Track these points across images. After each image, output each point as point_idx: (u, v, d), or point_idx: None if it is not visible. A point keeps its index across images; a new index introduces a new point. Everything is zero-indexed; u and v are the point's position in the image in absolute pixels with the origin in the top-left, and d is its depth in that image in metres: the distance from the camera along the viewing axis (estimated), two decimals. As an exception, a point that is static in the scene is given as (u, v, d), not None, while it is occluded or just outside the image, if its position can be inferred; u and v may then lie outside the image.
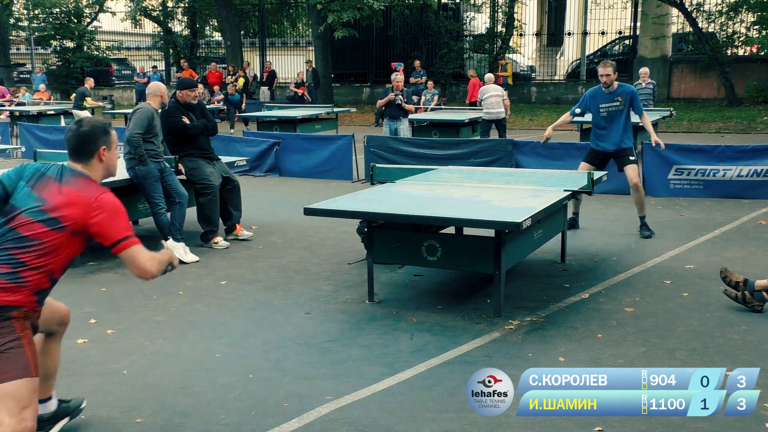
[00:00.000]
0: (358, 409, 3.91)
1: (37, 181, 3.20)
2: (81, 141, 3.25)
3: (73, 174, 3.23)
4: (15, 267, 3.04)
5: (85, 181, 3.21)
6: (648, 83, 14.93)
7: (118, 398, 4.07)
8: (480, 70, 24.58)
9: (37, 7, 28.80)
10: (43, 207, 3.11)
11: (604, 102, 7.55)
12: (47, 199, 3.13)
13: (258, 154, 12.10)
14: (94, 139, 3.27)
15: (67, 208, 3.12)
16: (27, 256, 3.06)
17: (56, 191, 3.15)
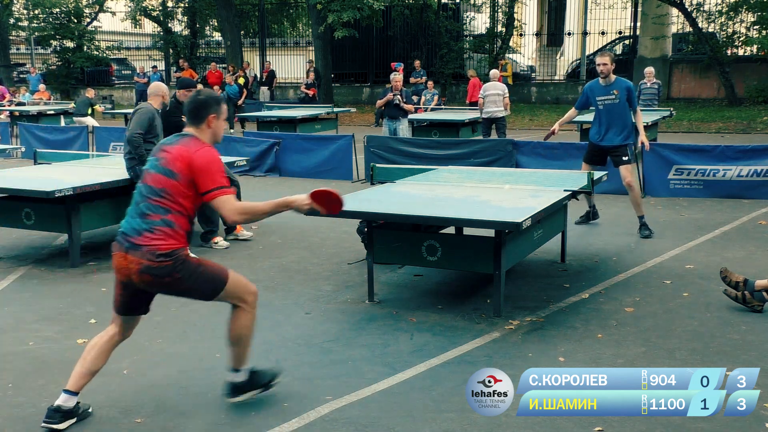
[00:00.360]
0: (358, 409, 3.91)
1: (161, 146, 3.75)
2: (196, 107, 3.75)
3: (185, 136, 3.73)
4: (165, 215, 3.60)
5: (193, 140, 3.70)
6: (653, 83, 14.90)
7: (118, 398, 4.07)
8: (480, 70, 24.57)
9: (37, 7, 28.81)
10: (160, 162, 3.65)
11: (600, 95, 7.56)
12: (163, 156, 3.66)
13: (258, 154, 12.10)
14: (207, 107, 3.74)
15: (176, 162, 3.61)
16: (164, 203, 3.61)
17: (170, 149, 3.67)
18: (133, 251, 3.56)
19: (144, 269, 3.55)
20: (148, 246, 3.55)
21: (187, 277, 3.60)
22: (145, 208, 3.62)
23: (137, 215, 3.65)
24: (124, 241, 3.62)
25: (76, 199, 6.61)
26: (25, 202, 6.83)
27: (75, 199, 6.59)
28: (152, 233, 3.57)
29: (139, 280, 3.59)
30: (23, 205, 6.85)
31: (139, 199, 3.68)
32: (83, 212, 6.76)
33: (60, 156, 9.42)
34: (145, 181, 3.69)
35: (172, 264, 3.56)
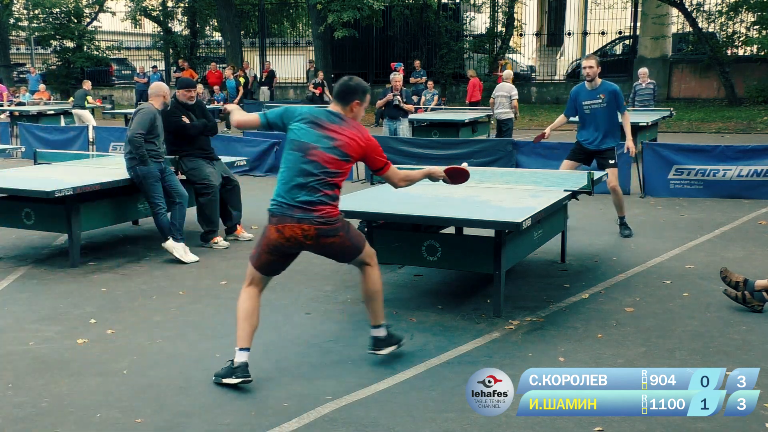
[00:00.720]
0: (358, 409, 3.91)
1: (315, 122, 4.14)
2: (344, 90, 4.18)
3: (340, 117, 4.17)
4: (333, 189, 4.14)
5: (352, 123, 4.19)
6: (648, 83, 14.90)
7: (118, 398, 4.07)
8: (480, 70, 24.59)
9: (37, 7, 28.81)
10: (334, 144, 4.09)
11: (586, 99, 7.53)
12: (333, 137, 4.10)
13: (258, 154, 12.10)
14: (354, 92, 4.18)
15: (351, 146, 4.13)
16: (334, 180, 4.13)
17: (340, 131, 4.13)
18: (307, 220, 4.02)
19: (321, 232, 4.06)
20: (321, 213, 4.05)
21: (347, 235, 4.18)
22: (317, 185, 4.06)
23: (305, 189, 4.06)
24: (293, 212, 4.04)
25: (76, 199, 6.61)
26: (25, 202, 6.83)
27: (75, 199, 6.59)
28: (325, 204, 4.07)
29: (313, 243, 4.09)
30: (23, 205, 6.85)
31: (306, 174, 4.06)
32: (83, 212, 6.76)
33: (60, 156, 9.42)
34: (313, 158, 4.07)
35: (338, 226, 4.13)
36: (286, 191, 4.09)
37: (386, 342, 4.44)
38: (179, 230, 6.95)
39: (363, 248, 4.27)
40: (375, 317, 4.43)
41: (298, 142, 4.11)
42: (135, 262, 6.89)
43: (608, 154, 7.55)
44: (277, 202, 4.10)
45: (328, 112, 4.17)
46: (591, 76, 7.46)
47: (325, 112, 4.18)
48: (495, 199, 5.77)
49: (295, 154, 4.11)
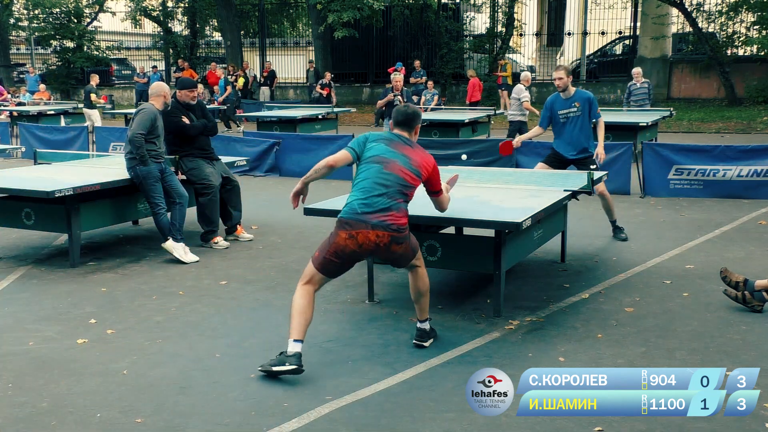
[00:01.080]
0: (358, 409, 3.91)
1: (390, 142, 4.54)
2: (411, 117, 4.65)
3: (411, 143, 4.60)
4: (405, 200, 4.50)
5: (420, 148, 4.61)
6: (642, 83, 14.87)
7: (118, 398, 4.07)
8: (480, 70, 24.59)
9: (37, 7, 28.80)
10: (412, 163, 4.48)
11: (561, 108, 7.46)
12: (411, 157, 4.50)
13: (258, 154, 12.10)
14: (416, 117, 4.69)
15: (424, 166, 4.53)
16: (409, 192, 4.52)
17: (414, 154, 4.53)
18: (381, 227, 4.30)
19: (394, 239, 4.34)
20: (396, 221, 4.36)
21: (410, 243, 4.48)
22: (395, 193, 4.39)
23: (383, 197, 4.37)
24: (369, 219, 4.31)
25: (76, 199, 6.61)
26: (25, 202, 6.83)
27: (75, 199, 6.59)
28: (398, 212, 4.38)
29: (385, 249, 4.35)
30: (23, 205, 6.85)
31: (386, 184, 4.39)
32: (83, 212, 6.76)
33: (60, 156, 9.42)
34: (392, 170, 4.42)
35: (407, 234, 4.44)
36: (363, 198, 4.35)
37: (429, 335, 4.74)
38: (179, 230, 6.95)
39: (417, 252, 4.57)
40: (422, 313, 4.69)
41: (378, 156, 4.45)
42: (135, 262, 6.89)
43: (588, 160, 7.47)
44: (352, 209, 4.34)
45: (398, 136, 4.57)
46: (561, 87, 7.41)
47: (395, 135, 4.57)
48: (495, 199, 5.77)
49: (375, 167, 4.42)
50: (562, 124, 7.51)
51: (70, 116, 17.84)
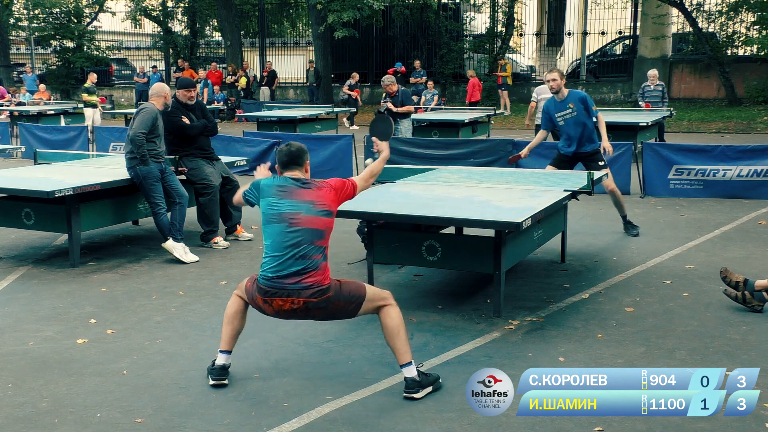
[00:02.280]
0: (358, 409, 3.91)
1: (284, 191, 4.14)
2: (297, 154, 4.32)
3: (303, 181, 4.20)
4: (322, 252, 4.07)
5: (313, 180, 4.21)
6: (657, 85, 14.86)
7: (118, 398, 4.07)
8: (480, 70, 24.59)
9: (37, 7, 28.79)
10: (317, 206, 4.05)
11: (557, 111, 7.56)
12: (313, 200, 4.08)
13: (258, 154, 12.08)
14: (304, 153, 4.37)
15: (326, 198, 4.11)
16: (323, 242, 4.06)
17: (314, 192, 4.12)
18: (296, 293, 3.96)
19: (309, 305, 3.99)
20: (312, 282, 3.97)
21: (341, 296, 4.04)
22: (308, 251, 4.00)
23: (293, 259, 3.98)
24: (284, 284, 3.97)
25: (76, 199, 6.61)
26: (25, 202, 6.83)
27: (75, 199, 6.59)
28: (315, 270, 3.99)
29: (303, 313, 4.04)
30: (23, 205, 6.85)
31: (297, 243, 4.00)
32: (83, 212, 6.76)
33: (60, 156, 9.41)
34: (299, 225, 4.02)
35: (330, 295, 4.01)
36: (274, 264, 3.98)
37: (420, 384, 4.02)
38: (179, 230, 6.95)
39: (364, 297, 4.06)
40: (400, 355, 4.05)
41: (278, 214, 4.06)
42: (135, 262, 6.89)
43: (595, 157, 7.57)
44: (265, 275, 4.01)
45: (290, 180, 4.19)
46: (555, 89, 7.50)
47: (287, 180, 4.19)
48: (495, 199, 5.76)
49: (277, 226, 4.03)
50: (562, 127, 7.61)
51: (70, 116, 17.83)
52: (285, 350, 4.73)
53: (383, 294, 4.14)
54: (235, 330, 4.26)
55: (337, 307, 4.04)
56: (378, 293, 4.13)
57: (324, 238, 4.04)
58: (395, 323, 4.05)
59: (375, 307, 4.11)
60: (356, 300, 4.06)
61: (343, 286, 4.07)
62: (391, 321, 4.05)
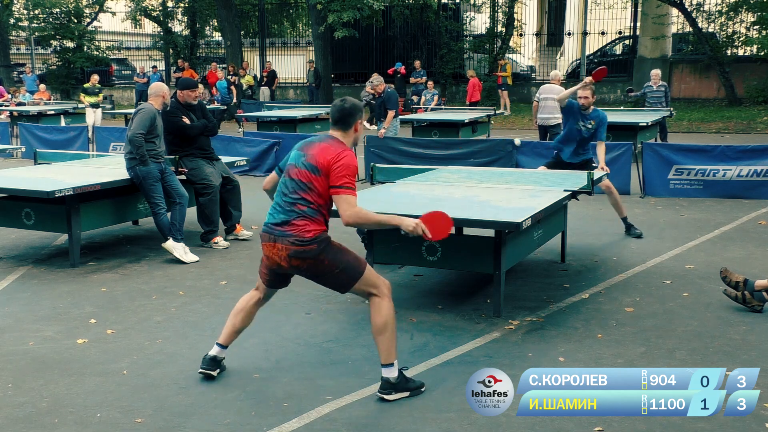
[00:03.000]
0: (358, 409, 3.91)
1: (304, 145, 4.06)
2: (343, 114, 4.03)
3: (330, 138, 4.02)
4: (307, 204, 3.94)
5: (338, 142, 3.99)
6: (660, 86, 14.86)
7: (118, 398, 4.07)
8: (480, 70, 24.59)
9: (37, 7, 28.79)
10: (307, 159, 3.94)
11: (580, 119, 7.64)
12: (308, 153, 3.97)
13: (258, 154, 12.11)
14: (353, 113, 4.05)
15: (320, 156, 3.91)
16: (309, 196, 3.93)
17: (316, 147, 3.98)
18: (281, 240, 3.91)
19: (293, 254, 3.90)
20: (296, 233, 3.89)
21: (327, 258, 3.91)
22: (294, 201, 3.93)
23: (282, 208, 3.97)
24: (273, 231, 3.96)
25: (76, 199, 6.61)
26: (25, 202, 6.83)
27: (75, 199, 6.59)
28: (299, 221, 3.91)
29: (287, 263, 3.95)
30: (23, 205, 6.85)
31: (286, 193, 3.99)
32: (83, 212, 6.76)
33: (60, 156, 9.42)
34: (289, 176, 4.00)
35: (314, 248, 3.89)
36: (271, 211, 4.05)
37: (395, 386, 3.96)
38: (179, 230, 6.95)
39: (359, 273, 3.93)
40: (383, 355, 3.96)
41: (287, 165, 4.08)
42: (135, 262, 6.89)
43: (588, 162, 7.70)
44: (265, 222, 4.05)
45: (321, 136, 4.10)
46: (586, 107, 7.60)
47: (320, 136, 4.11)
48: (495, 199, 5.76)
49: (282, 177, 4.09)
50: (575, 132, 7.67)
51: (70, 116, 17.83)
52: (285, 350, 4.73)
53: (380, 283, 3.99)
54: (234, 326, 4.26)
55: (324, 268, 3.92)
56: (375, 280, 3.98)
57: (308, 192, 3.90)
58: (382, 320, 3.92)
59: (367, 293, 3.98)
60: (348, 271, 3.92)
61: (337, 249, 3.95)
62: (378, 316, 3.93)
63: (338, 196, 3.85)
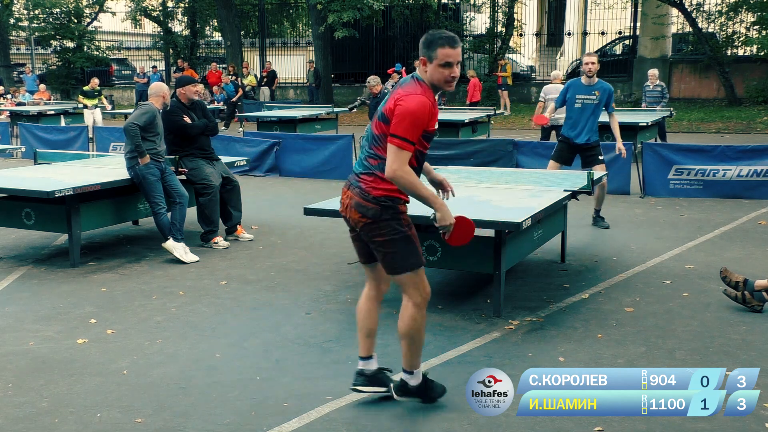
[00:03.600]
0: (358, 409, 3.91)
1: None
2: (428, 40, 3.52)
3: (412, 76, 3.60)
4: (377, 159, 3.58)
5: (413, 82, 3.56)
6: (656, 85, 14.88)
7: (118, 398, 4.07)
8: (480, 70, 24.58)
9: (37, 7, 28.81)
10: (383, 108, 3.57)
11: (581, 93, 7.73)
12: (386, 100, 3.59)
13: (258, 154, 12.10)
14: (425, 45, 3.53)
15: (389, 100, 3.55)
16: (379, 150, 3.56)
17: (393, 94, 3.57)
18: (350, 187, 3.67)
19: (355, 205, 3.63)
20: (363, 185, 3.61)
21: (383, 225, 3.58)
22: (367, 155, 3.64)
23: (359, 160, 3.72)
24: (350, 179, 3.72)
25: (76, 199, 6.62)
26: (25, 202, 6.83)
27: (75, 199, 6.59)
28: (368, 176, 3.61)
29: (350, 214, 3.66)
30: (23, 205, 6.85)
31: (363, 145, 3.72)
32: (83, 212, 6.76)
33: (60, 156, 9.42)
34: (370, 127, 3.71)
35: (375, 208, 3.58)
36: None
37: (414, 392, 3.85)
38: (179, 230, 6.95)
39: (408, 269, 3.63)
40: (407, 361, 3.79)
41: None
42: (135, 262, 6.89)
43: (596, 150, 7.76)
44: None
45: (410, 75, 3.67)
46: (593, 72, 7.70)
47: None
48: (495, 199, 5.76)
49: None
50: (576, 110, 7.75)
51: (70, 116, 17.85)
52: (285, 350, 4.73)
53: (420, 290, 3.68)
54: (362, 331, 3.91)
55: (378, 237, 3.60)
56: (418, 284, 3.67)
57: (378, 146, 3.57)
58: (404, 327, 3.70)
59: (403, 291, 3.71)
60: (397, 260, 3.61)
61: (401, 229, 3.60)
62: (401, 321, 3.71)
63: (389, 146, 3.46)
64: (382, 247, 3.63)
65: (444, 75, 3.55)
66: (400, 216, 3.64)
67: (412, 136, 3.45)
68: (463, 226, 3.68)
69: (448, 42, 3.50)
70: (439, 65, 3.51)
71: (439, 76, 3.54)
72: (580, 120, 7.73)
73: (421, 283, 3.70)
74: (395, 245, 3.61)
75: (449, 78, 3.57)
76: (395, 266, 3.65)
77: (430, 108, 3.49)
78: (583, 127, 7.73)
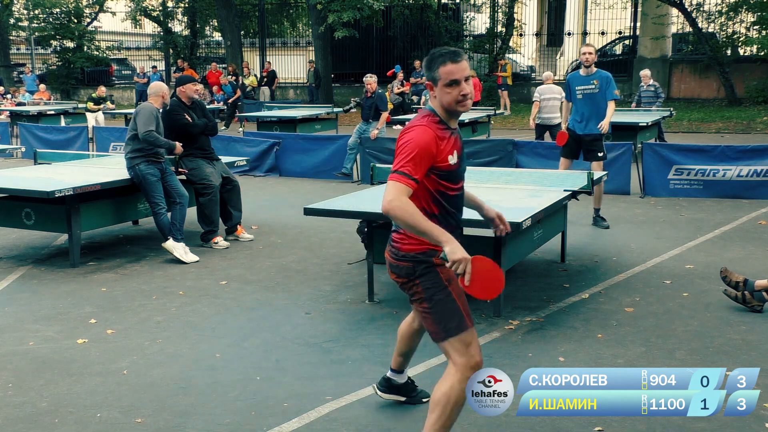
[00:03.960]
0: (358, 409, 3.91)
1: None
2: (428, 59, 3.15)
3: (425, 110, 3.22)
4: None
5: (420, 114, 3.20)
6: (649, 85, 14.91)
7: (118, 398, 4.07)
8: (480, 70, 24.58)
9: (37, 7, 28.81)
10: None
11: (580, 84, 7.82)
12: None
13: (258, 154, 12.11)
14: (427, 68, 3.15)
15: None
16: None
17: None
18: (388, 246, 3.33)
19: (389, 265, 3.31)
20: (395, 242, 3.27)
21: (419, 284, 3.18)
22: None
23: None
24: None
25: (76, 199, 6.62)
26: (25, 202, 6.83)
27: (75, 199, 6.59)
28: (398, 231, 3.25)
29: (391, 278, 3.36)
30: (23, 205, 6.85)
31: None
32: (83, 212, 6.76)
33: (60, 156, 9.42)
34: None
35: (406, 265, 3.20)
36: None
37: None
38: (179, 230, 6.95)
39: (448, 336, 3.15)
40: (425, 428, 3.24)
41: None
42: (135, 262, 6.89)
43: (597, 146, 7.83)
44: None
45: None
46: (590, 62, 7.78)
47: None
48: (495, 199, 5.76)
49: None
50: (579, 101, 7.86)
51: (70, 116, 17.85)
52: (285, 350, 4.73)
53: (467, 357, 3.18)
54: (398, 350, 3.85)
55: (415, 297, 3.23)
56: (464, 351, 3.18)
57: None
58: (439, 395, 3.17)
59: (447, 356, 3.23)
60: (437, 322, 3.18)
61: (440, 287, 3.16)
62: (438, 389, 3.18)
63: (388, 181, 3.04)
64: (420, 307, 3.24)
65: (453, 95, 3.08)
66: (437, 270, 3.19)
67: (412, 170, 3.00)
68: (486, 272, 3.00)
69: (449, 57, 3.08)
70: (444, 85, 3.08)
71: (448, 98, 3.09)
72: (585, 110, 7.82)
73: (468, 349, 3.19)
74: (432, 306, 3.19)
75: (459, 97, 3.09)
76: (433, 331, 3.22)
77: (432, 137, 3.06)
78: (588, 119, 7.81)
